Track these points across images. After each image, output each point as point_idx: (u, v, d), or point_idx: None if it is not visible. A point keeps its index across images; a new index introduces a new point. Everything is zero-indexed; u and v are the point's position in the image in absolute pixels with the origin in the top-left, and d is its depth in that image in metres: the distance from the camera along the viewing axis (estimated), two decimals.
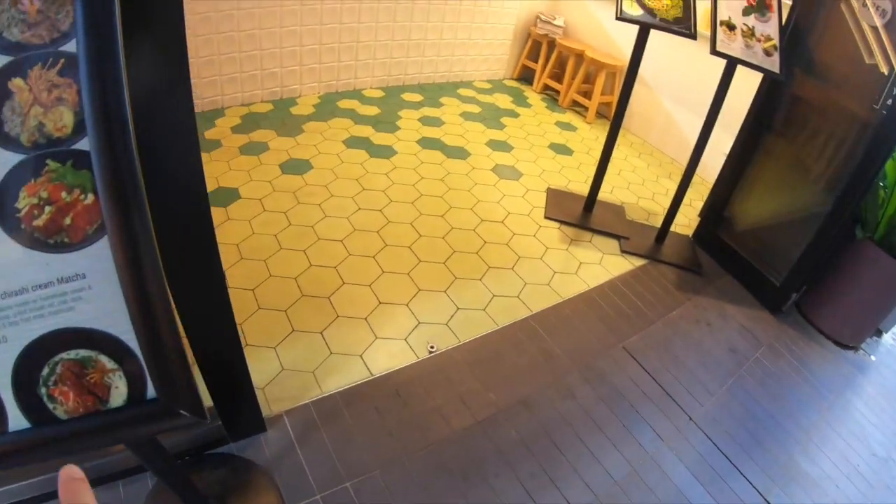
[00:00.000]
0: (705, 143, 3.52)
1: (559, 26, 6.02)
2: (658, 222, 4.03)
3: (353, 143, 4.48)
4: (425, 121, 5.11)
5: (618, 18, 3.16)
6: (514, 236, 3.77)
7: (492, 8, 5.95)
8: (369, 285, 3.15)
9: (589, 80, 5.90)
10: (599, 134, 5.57)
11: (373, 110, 5.10)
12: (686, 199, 3.80)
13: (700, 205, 4.38)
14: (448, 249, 3.53)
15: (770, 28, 3.25)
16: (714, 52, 3.11)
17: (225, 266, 3.00)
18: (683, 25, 3.19)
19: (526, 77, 6.59)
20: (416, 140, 4.71)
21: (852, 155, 3.19)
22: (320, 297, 3.01)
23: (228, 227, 3.35)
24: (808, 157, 3.53)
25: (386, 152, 4.42)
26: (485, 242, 3.65)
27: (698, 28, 3.24)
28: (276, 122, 4.53)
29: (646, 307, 3.43)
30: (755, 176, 3.84)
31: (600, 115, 6.01)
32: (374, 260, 3.33)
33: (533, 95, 6.25)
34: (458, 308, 3.12)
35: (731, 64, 3.22)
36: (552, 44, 6.09)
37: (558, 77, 6.15)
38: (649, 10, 3.19)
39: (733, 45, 3.15)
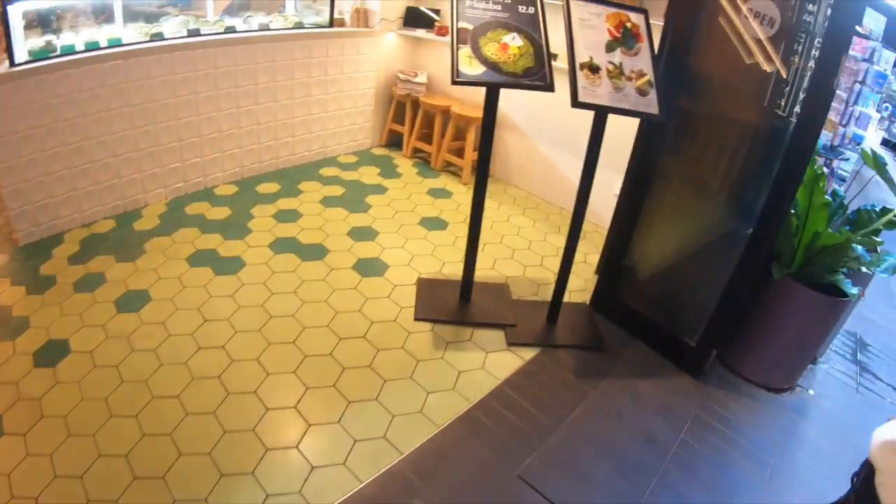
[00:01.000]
0: (587, 194, 3.07)
1: (421, 83, 5.54)
2: (549, 294, 3.51)
3: (198, 259, 3.86)
4: (281, 216, 4.52)
5: (454, 82, 2.59)
6: (378, 353, 3.15)
7: (345, 75, 5.45)
8: (208, 453, 2.47)
9: (460, 136, 5.38)
10: None
11: (223, 212, 4.51)
12: (580, 255, 3.35)
13: (596, 258, 3.98)
14: (300, 387, 2.88)
15: (641, 62, 2.79)
16: (576, 104, 2.58)
17: (50, 448, 2.44)
18: (537, 77, 2.66)
19: (395, 142, 6.08)
20: (269, 243, 4.11)
21: (759, 174, 2.87)
22: (154, 477, 2.34)
23: (56, 395, 2.71)
24: (711, 180, 3.19)
25: (233, 266, 3.80)
26: (343, 369, 3.01)
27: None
28: (117, 243, 3.96)
29: (542, 413, 2.86)
30: (654, 210, 3.42)
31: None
32: (213, 416, 2.65)
33: (403, 162, 5.73)
34: (313, 467, 2.45)
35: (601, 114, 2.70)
36: (416, 103, 5.58)
37: (428, 138, 5.64)
38: (493, 66, 2.65)
39: (599, 92, 2.64)
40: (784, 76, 2.63)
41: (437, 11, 5.61)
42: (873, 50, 3.26)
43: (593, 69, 2.67)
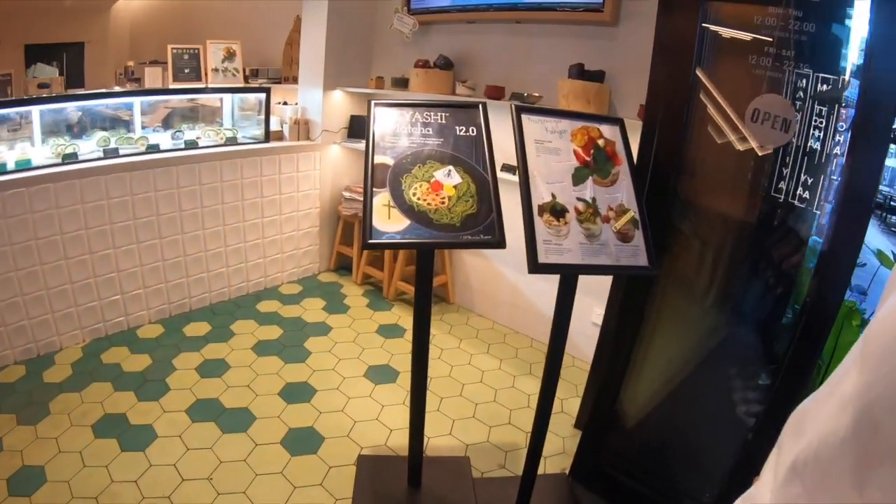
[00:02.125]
0: (561, 349, 2.35)
1: None
2: (520, 464, 2.74)
3: (105, 427, 3.17)
4: (205, 369, 3.79)
5: (366, 245, 1.88)
6: None
7: (284, 195, 4.84)
8: None
9: (414, 261, 4.65)
10: (436, 331, 4.30)
11: (142, 362, 3.82)
12: (556, 402, 2.55)
13: (576, 405, 3.32)
14: None
15: (621, 192, 2.11)
16: (537, 268, 1.87)
17: None
18: (481, 228, 1.95)
19: (346, 265, 5.38)
20: (187, 407, 3.38)
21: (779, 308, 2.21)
22: None
23: None
24: (719, 311, 2.51)
25: (143, 438, 3.10)
26: None
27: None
28: (23, 398, 3.39)
29: None
30: (648, 344, 2.71)
31: (437, 299, 4.80)
32: None
33: (352, 290, 5.01)
34: None
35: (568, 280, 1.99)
36: None
37: (380, 262, 4.93)
38: (420, 217, 1.95)
39: (566, 245, 1.93)
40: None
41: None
42: None
43: (557, 213, 1.98)
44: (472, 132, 2.20)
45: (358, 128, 5.10)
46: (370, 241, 1.90)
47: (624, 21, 3.67)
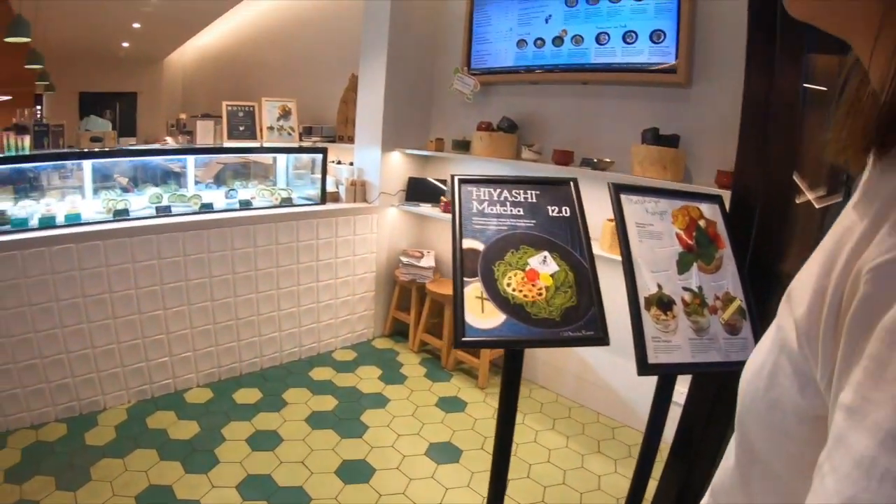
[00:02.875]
0: (654, 451, 2.11)
1: (427, 267, 4.75)
2: None
3: (149, 499, 2.99)
4: (257, 441, 3.60)
5: (458, 344, 1.70)
6: None
7: (340, 259, 4.72)
8: None
9: None
10: (497, 405, 4.08)
11: (190, 429, 3.65)
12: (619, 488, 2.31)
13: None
14: None
15: (727, 278, 1.89)
16: (647, 370, 1.66)
17: None
18: (582, 323, 1.77)
19: (401, 331, 5.21)
20: (238, 483, 3.18)
21: None
22: None
23: None
24: None
25: None
26: None
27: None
28: (63, 460, 3.24)
29: None
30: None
31: (496, 369, 4.58)
32: None
33: (409, 359, 4.83)
34: None
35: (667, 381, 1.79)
36: (423, 289, 4.74)
37: (438, 329, 4.75)
38: (516, 310, 1.77)
39: (675, 340, 1.73)
40: None
41: (444, 182, 4.90)
42: None
43: (665, 305, 1.78)
44: (566, 212, 2.03)
45: (416, 190, 4.98)
46: (464, 340, 1.72)
47: (698, 82, 3.52)
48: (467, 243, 1.90)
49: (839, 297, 0.46)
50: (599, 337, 1.83)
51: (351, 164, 5.29)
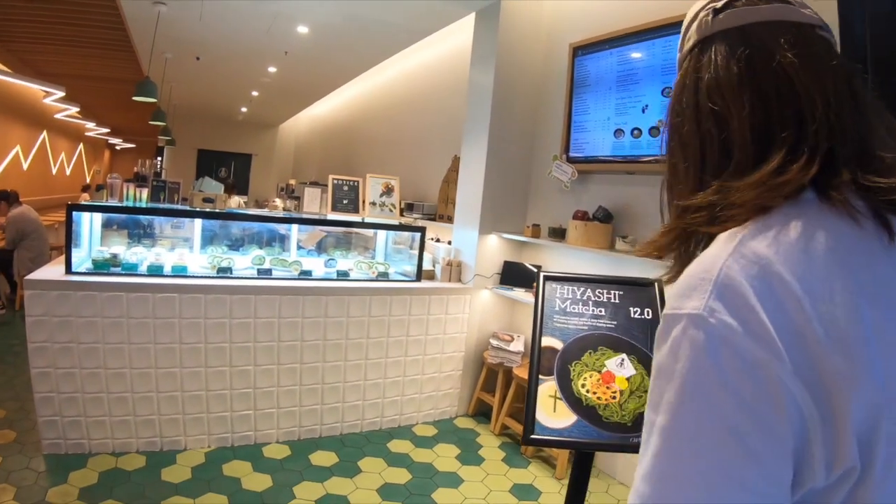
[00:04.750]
0: None
1: (516, 352, 4.72)
2: None
3: None
4: (326, 503, 3.63)
5: (526, 441, 1.71)
6: None
7: (430, 336, 4.77)
8: None
9: None
10: None
11: (263, 482, 3.75)
12: None
13: None
14: None
15: None
16: None
17: None
18: None
19: (485, 411, 5.16)
20: None
21: None
22: None
23: None
24: None
25: None
26: None
27: None
28: (136, 489, 3.44)
29: None
30: None
31: None
32: None
33: (489, 441, 4.77)
34: None
35: None
36: (509, 373, 4.72)
37: (521, 414, 4.67)
38: (588, 412, 1.76)
39: None
40: None
41: (539, 268, 4.91)
42: None
43: None
44: (648, 315, 2.02)
45: (511, 274, 5.02)
46: (532, 437, 1.73)
47: None
48: (546, 341, 1.92)
49: None
50: None
51: (449, 242, 5.39)
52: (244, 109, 13.95)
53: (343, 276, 4.63)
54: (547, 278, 2.07)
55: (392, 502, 3.75)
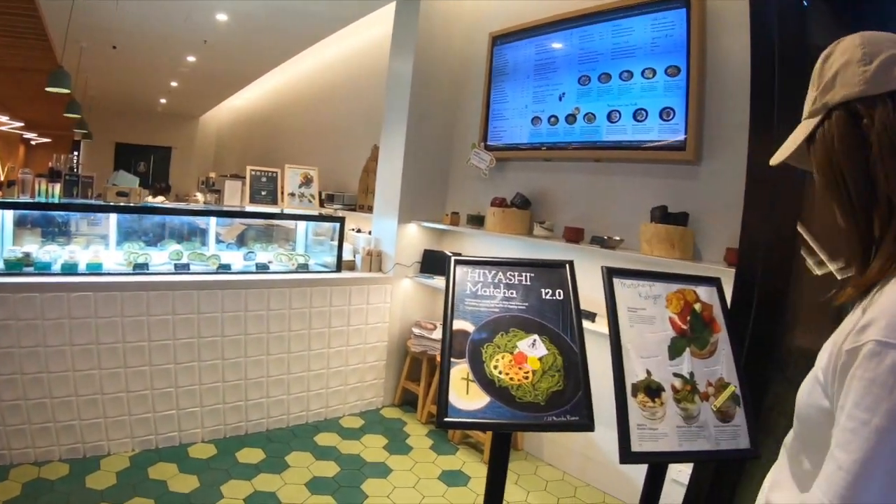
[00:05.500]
0: None
1: (438, 340, 4.71)
2: None
3: None
4: (254, 501, 3.56)
5: (441, 424, 1.71)
6: None
7: (352, 326, 4.74)
8: None
9: None
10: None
11: (190, 483, 3.64)
12: None
13: None
14: None
15: (721, 363, 1.88)
16: (630, 458, 1.65)
17: None
18: (567, 408, 1.76)
19: (411, 400, 5.16)
20: None
21: None
22: None
23: None
24: None
25: None
26: None
27: None
28: (61, 499, 3.29)
29: None
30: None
31: None
32: None
33: (416, 429, 4.78)
34: None
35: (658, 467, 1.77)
36: (433, 361, 4.73)
37: None
38: (501, 393, 1.77)
39: (661, 428, 1.72)
40: None
41: (458, 255, 4.93)
42: None
43: (653, 392, 1.78)
44: (559, 295, 2.05)
45: (431, 262, 5.03)
46: (446, 420, 1.73)
47: (707, 159, 3.55)
48: (458, 324, 1.92)
49: (836, 360, 0.92)
50: (584, 423, 1.82)
51: (369, 233, 5.36)
52: (163, 101, 13.56)
53: (262, 268, 4.56)
54: (458, 262, 2.08)
55: (321, 496, 3.71)
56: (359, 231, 5.65)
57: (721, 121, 3.47)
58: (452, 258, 2.08)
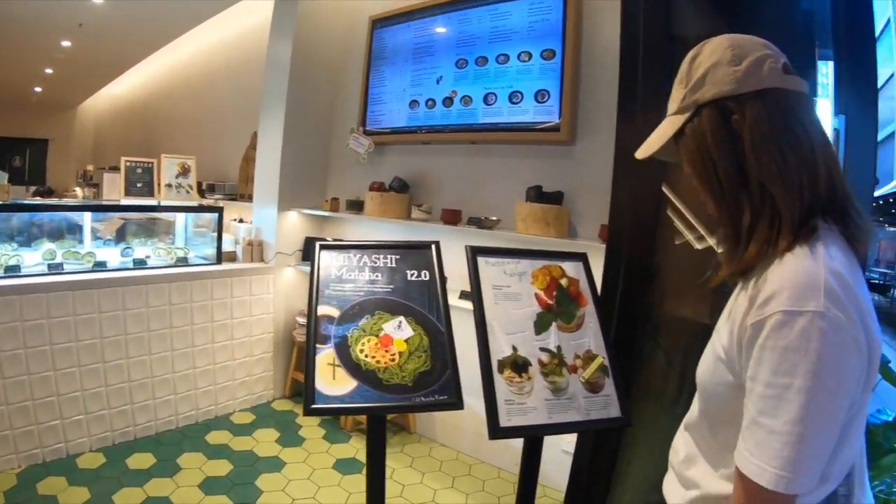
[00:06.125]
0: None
1: None
2: None
3: None
4: None
5: (308, 412, 1.69)
6: None
7: (236, 319, 4.61)
8: None
9: None
10: (396, 465, 4.05)
11: (81, 495, 3.44)
12: None
13: None
14: None
15: (588, 336, 1.94)
16: (498, 433, 1.68)
17: None
18: (435, 388, 1.78)
19: (301, 391, 5.03)
20: None
21: None
22: None
23: None
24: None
25: None
26: None
27: None
28: None
29: None
30: (625, 467, 2.48)
31: (396, 428, 4.54)
32: None
33: (308, 420, 4.73)
34: None
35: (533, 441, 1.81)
36: None
37: None
38: (368, 376, 1.76)
39: (530, 402, 1.76)
40: None
41: (339, 240, 4.89)
42: None
43: (519, 367, 1.81)
44: (425, 276, 2.06)
45: (313, 250, 4.95)
46: (313, 407, 1.71)
47: (580, 139, 3.64)
48: (323, 310, 1.90)
49: (741, 335, 1.00)
50: (453, 402, 1.84)
51: (250, 222, 5.23)
52: (38, 89, 12.70)
53: (140, 264, 4.36)
54: (323, 247, 2.05)
55: (215, 496, 3.61)
56: (241, 221, 5.51)
57: (595, 103, 3.57)
58: (317, 243, 2.05)
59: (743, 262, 1.06)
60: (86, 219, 4.47)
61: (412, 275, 2.05)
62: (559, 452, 3.63)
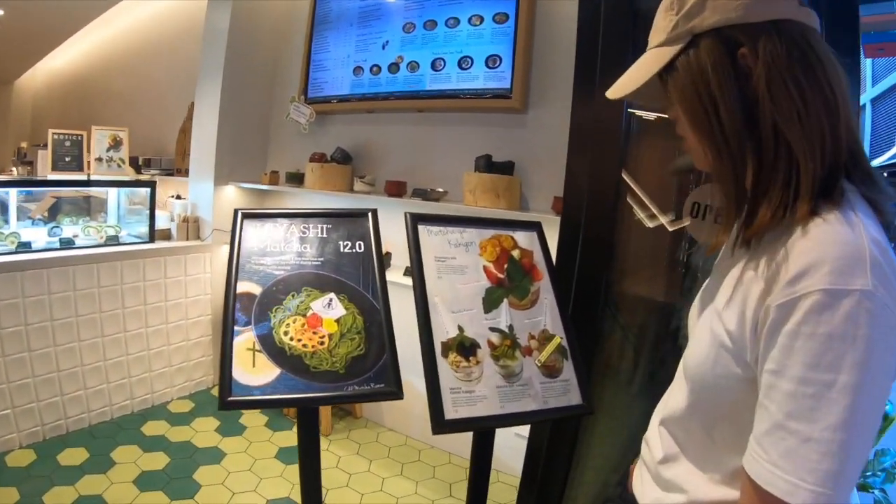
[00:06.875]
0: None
1: None
2: None
3: None
4: None
5: (223, 405, 1.46)
6: None
7: (170, 301, 4.36)
8: None
9: None
10: (343, 452, 3.85)
11: (9, 496, 3.21)
12: None
13: None
14: None
15: (544, 313, 1.75)
16: (442, 427, 1.48)
17: None
18: (370, 374, 1.56)
19: None
20: None
21: None
22: None
23: None
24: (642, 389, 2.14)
25: None
26: None
27: None
28: None
29: None
30: (584, 448, 2.34)
31: (342, 412, 4.34)
32: None
33: None
34: None
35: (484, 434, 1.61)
36: None
37: None
38: (293, 362, 1.54)
39: (479, 390, 1.56)
40: None
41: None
42: None
43: (466, 350, 1.60)
44: (360, 247, 1.83)
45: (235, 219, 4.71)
46: (230, 400, 1.47)
47: (533, 107, 3.47)
48: (243, 287, 1.67)
49: (756, 319, 0.82)
50: (390, 391, 1.62)
51: (187, 198, 4.95)
52: None
53: (67, 244, 4.05)
54: (245, 216, 1.81)
55: (151, 492, 3.37)
56: (178, 198, 5.20)
57: (550, 69, 3.40)
58: (239, 211, 1.81)
59: (752, 228, 0.87)
60: (11, 196, 4.14)
61: (345, 246, 1.82)
62: (513, 437, 3.49)
